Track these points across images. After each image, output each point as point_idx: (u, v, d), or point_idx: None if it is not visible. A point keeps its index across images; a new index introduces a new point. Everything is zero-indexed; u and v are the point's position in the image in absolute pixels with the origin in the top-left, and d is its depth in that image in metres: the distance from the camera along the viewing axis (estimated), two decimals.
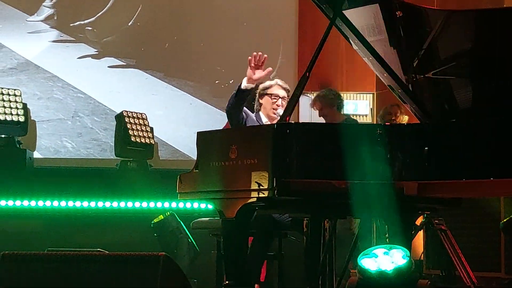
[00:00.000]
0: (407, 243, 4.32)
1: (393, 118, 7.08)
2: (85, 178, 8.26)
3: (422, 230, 6.54)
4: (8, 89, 8.10)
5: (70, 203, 7.68)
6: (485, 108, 4.32)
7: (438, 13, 4.32)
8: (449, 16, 4.26)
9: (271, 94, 5.26)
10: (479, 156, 3.91)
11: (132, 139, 8.03)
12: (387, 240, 4.42)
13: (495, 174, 3.88)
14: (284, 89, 5.29)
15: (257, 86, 5.21)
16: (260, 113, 5.34)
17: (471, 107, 4.44)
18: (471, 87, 4.44)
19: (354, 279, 4.11)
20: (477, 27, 4.32)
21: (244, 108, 5.24)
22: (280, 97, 5.24)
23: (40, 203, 7.55)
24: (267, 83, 5.32)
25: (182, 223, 6.96)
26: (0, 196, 7.51)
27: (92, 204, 7.71)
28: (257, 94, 5.38)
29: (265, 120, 5.29)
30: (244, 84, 5.01)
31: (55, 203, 7.62)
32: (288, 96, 5.25)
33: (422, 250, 6.78)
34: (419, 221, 6.16)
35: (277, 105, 5.22)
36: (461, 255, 5.94)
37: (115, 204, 7.64)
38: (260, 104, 5.33)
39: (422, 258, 6.77)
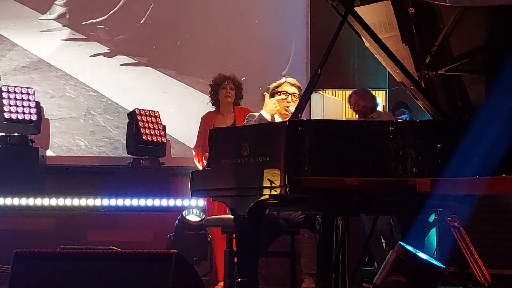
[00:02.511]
0: (420, 240, 4.31)
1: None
2: (97, 176, 8.28)
3: (435, 227, 6.53)
4: (22, 87, 8.13)
5: (83, 201, 7.70)
6: (498, 105, 4.30)
7: (451, 10, 4.31)
8: (462, 13, 4.24)
9: (280, 92, 5.28)
10: (492, 152, 3.89)
11: (144, 137, 8.04)
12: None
13: (508, 170, 3.86)
14: (294, 85, 5.30)
15: None
16: None
17: (484, 104, 4.42)
18: (485, 84, 4.42)
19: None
20: (490, 23, 4.30)
21: (251, 115, 5.31)
22: (289, 94, 5.25)
23: (53, 201, 7.57)
24: (277, 82, 5.35)
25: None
26: (13, 194, 7.53)
27: (105, 202, 7.73)
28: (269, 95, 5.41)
29: (278, 119, 5.30)
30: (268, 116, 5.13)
31: (68, 201, 7.64)
32: (299, 93, 5.25)
33: (435, 247, 6.76)
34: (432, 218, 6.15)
35: (287, 101, 5.23)
36: (474, 252, 5.92)
37: (127, 202, 7.66)
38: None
39: (435, 255, 6.75)
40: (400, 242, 4.10)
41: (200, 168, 6.44)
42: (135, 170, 8.10)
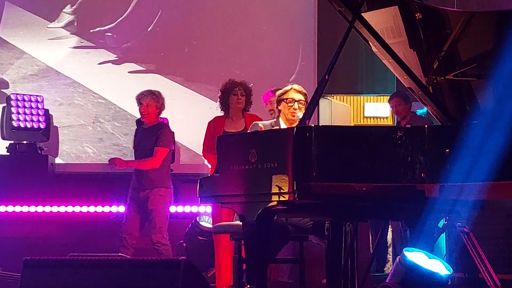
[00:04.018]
0: (430, 246, 4.30)
1: None
2: (106, 183, 8.28)
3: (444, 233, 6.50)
4: (30, 95, 8.15)
5: (92, 208, 7.71)
6: (507, 109, 4.29)
7: (458, 15, 4.31)
8: (470, 18, 4.24)
9: (286, 99, 5.28)
10: (501, 158, 3.88)
11: None
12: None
13: None
14: (300, 92, 5.29)
15: None
16: (280, 119, 5.36)
17: (492, 109, 4.41)
18: (493, 88, 4.41)
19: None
20: (498, 28, 4.30)
21: (255, 124, 5.31)
22: (295, 101, 5.25)
23: (62, 208, 7.59)
24: (283, 89, 5.35)
25: None
26: (22, 202, 7.55)
27: (114, 209, 7.74)
28: (275, 101, 5.42)
29: (284, 126, 5.30)
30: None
31: (77, 208, 7.66)
32: (305, 99, 5.25)
33: (445, 252, 6.74)
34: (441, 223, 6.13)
35: (294, 108, 5.23)
36: (484, 258, 5.90)
37: None
38: (279, 111, 5.36)
39: (444, 259, 6.73)
40: (404, 250, 4.09)
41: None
42: None
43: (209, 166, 6.63)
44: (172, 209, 7.65)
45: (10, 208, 7.54)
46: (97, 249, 7.02)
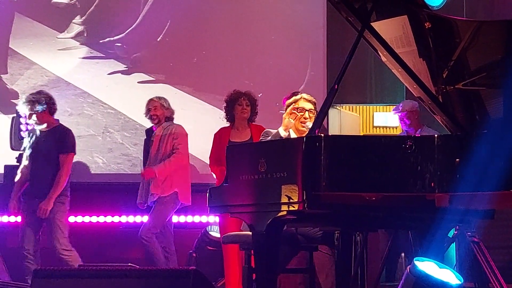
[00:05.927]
0: (440, 256, 4.29)
1: None
2: (115, 193, 8.29)
3: (454, 243, 6.49)
4: None
5: (101, 218, 7.71)
6: None
7: (467, 24, 4.30)
8: (479, 27, 4.24)
9: (297, 108, 5.28)
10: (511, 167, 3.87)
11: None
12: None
13: None
14: (310, 102, 5.30)
15: None
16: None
17: (502, 118, 4.40)
18: (502, 97, 4.40)
19: None
20: (507, 37, 4.29)
21: (267, 132, 5.32)
22: (306, 110, 5.26)
23: (71, 218, 7.59)
24: (293, 98, 5.36)
25: None
26: None
27: (123, 219, 7.75)
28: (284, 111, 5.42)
29: (293, 135, 5.30)
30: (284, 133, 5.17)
31: (86, 219, 7.66)
32: (315, 109, 5.26)
33: (455, 262, 6.72)
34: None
35: (304, 118, 5.24)
36: (494, 267, 5.88)
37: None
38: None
39: (455, 269, 6.70)
40: (414, 259, 4.09)
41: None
42: None
43: (215, 177, 6.65)
44: (182, 219, 7.65)
45: (19, 218, 7.55)
46: (106, 258, 7.05)
